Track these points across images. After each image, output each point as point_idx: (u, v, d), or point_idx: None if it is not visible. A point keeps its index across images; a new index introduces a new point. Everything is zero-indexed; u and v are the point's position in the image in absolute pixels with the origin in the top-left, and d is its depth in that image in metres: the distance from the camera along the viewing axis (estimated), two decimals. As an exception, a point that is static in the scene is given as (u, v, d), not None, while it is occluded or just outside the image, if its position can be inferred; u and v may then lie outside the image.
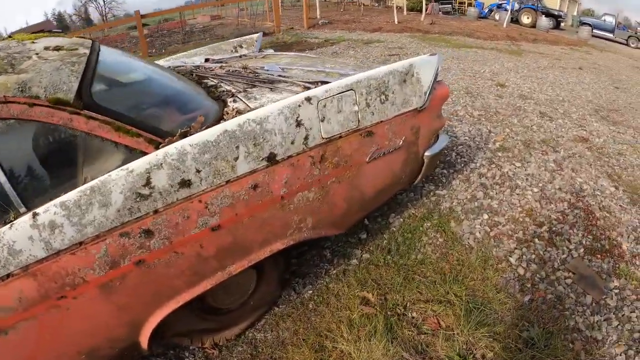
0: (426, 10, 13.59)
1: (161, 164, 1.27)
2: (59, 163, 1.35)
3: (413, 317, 1.83)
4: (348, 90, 1.65)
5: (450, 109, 4.06)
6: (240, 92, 1.93)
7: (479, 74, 5.61)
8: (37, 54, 1.42)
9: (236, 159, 1.39)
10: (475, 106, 4.14)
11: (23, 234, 1.14)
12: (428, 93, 1.89)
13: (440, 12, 16.20)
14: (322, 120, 1.61)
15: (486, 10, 16.94)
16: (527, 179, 2.81)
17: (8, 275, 1.14)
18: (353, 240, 2.31)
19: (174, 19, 15.83)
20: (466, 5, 17.63)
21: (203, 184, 1.34)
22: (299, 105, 1.53)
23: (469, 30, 10.78)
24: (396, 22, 10.70)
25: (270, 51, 3.16)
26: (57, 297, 1.21)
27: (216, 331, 1.78)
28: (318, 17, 11.35)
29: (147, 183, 1.26)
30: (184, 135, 1.42)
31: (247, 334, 1.83)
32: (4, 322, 1.17)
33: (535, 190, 2.69)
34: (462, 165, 2.98)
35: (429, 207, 2.54)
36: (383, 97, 1.75)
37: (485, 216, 2.44)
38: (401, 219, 2.46)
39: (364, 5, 16.79)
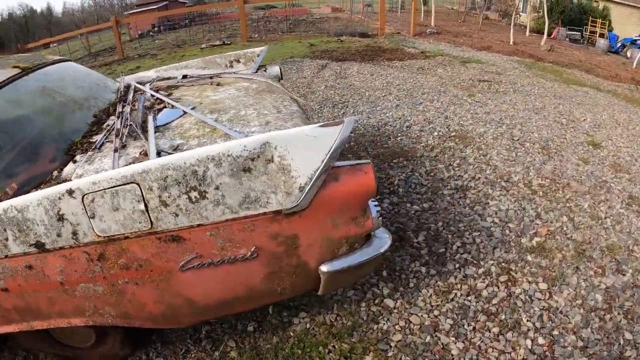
0: (550, 34, 11.10)
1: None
2: None
3: None
4: (127, 184, 1.18)
5: (504, 168, 2.98)
6: (96, 147, 1.62)
7: (575, 123, 4.03)
8: None
9: (7, 239, 1.29)
10: (542, 171, 2.94)
11: None
12: (308, 189, 1.25)
13: (567, 39, 13.77)
14: (93, 217, 1.21)
15: (618, 45, 14.04)
16: (542, 323, 1.79)
17: None
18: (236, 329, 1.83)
19: (300, 4, 16.41)
20: (597, 35, 14.40)
21: None
22: (59, 198, 1.22)
23: (590, 65, 8.55)
24: (510, 43, 8.89)
25: (242, 73, 2.72)
26: None
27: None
28: (432, 24, 10.15)
29: None
30: None
31: None
32: None
33: None
34: (456, 265, 2.10)
35: (357, 318, 1.84)
36: (195, 194, 1.21)
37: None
38: (307, 325, 1.84)
39: (486, 18, 14.53)
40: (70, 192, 1.19)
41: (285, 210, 1.28)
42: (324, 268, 1.42)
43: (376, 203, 1.49)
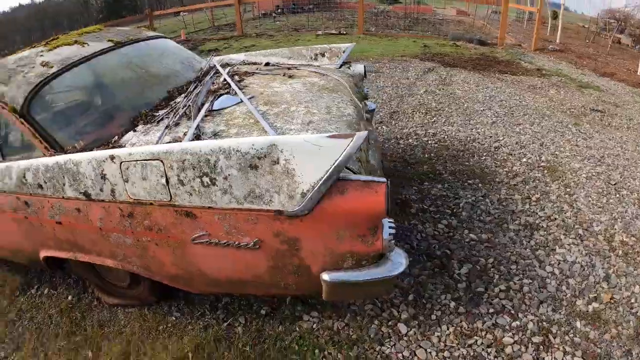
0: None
1: (33, 168, 1.64)
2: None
3: None
4: (154, 160, 1.33)
5: (587, 214, 2.53)
6: (155, 121, 1.84)
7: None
8: None
9: (64, 184, 1.57)
10: (630, 227, 2.40)
11: None
12: (310, 196, 1.25)
13: None
14: (127, 182, 1.40)
15: None
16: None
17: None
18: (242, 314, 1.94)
19: (425, 2, 15.71)
20: None
21: (48, 191, 1.63)
22: (104, 161, 1.45)
23: None
24: (638, 73, 7.25)
25: (317, 67, 2.71)
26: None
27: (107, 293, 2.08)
28: (557, 41, 8.84)
29: (25, 177, 1.68)
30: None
31: None
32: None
33: None
34: (490, 309, 1.89)
35: (364, 334, 1.79)
36: (205, 180, 1.31)
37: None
38: (314, 325, 1.86)
39: (617, 42, 11.89)
40: (112, 158, 1.40)
41: (287, 212, 1.30)
42: (325, 276, 1.41)
43: (392, 224, 1.41)
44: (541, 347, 1.69)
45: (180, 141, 1.57)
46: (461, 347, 1.73)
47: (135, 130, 1.75)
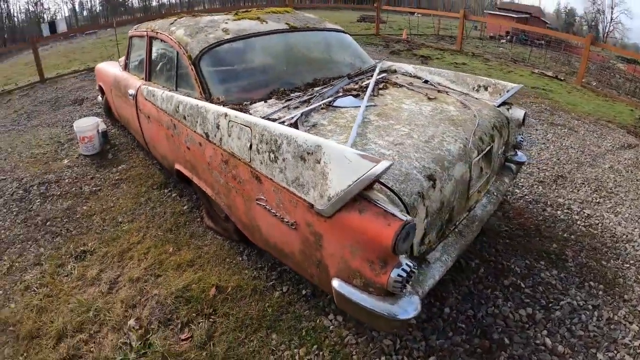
0: None
1: (184, 102, 2.22)
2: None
3: None
4: (247, 127, 1.66)
5: None
6: (282, 100, 2.19)
7: None
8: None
9: (197, 122, 2.10)
10: None
11: None
12: (334, 201, 1.36)
13: None
14: (230, 136, 1.79)
15: None
16: None
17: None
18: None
19: None
20: None
21: (187, 123, 2.18)
22: (220, 116, 1.88)
23: None
24: None
25: (473, 99, 2.55)
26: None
27: (209, 216, 2.65)
28: None
29: (178, 107, 2.28)
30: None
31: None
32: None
33: None
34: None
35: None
36: (272, 155, 1.57)
37: None
38: (323, 326, 1.94)
39: None
40: (225, 115, 1.81)
41: (316, 208, 1.44)
42: (334, 282, 1.48)
43: (407, 267, 1.33)
44: None
45: (283, 122, 1.86)
46: None
47: (265, 102, 2.13)
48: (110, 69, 3.88)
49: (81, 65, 9.21)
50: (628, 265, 2.64)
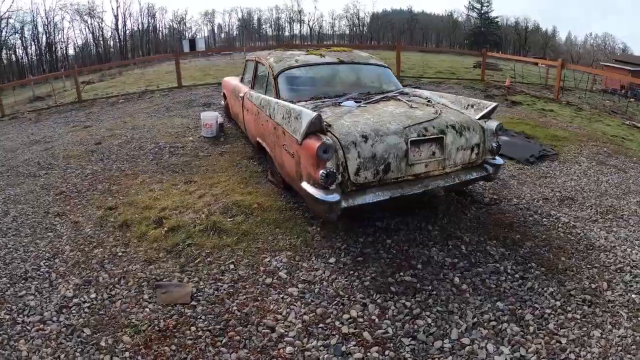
0: None
1: (263, 99, 3.77)
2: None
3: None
4: (283, 107, 3.17)
5: None
6: (319, 101, 3.57)
7: None
8: None
9: (267, 109, 3.59)
10: None
11: None
12: (302, 135, 2.69)
13: None
14: (277, 113, 3.32)
15: None
16: None
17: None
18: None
19: None
20: None
21: (263, 109, 3.73)
22: (276, 103, 3.40)
23: None
24: None
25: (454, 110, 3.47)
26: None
27: (271, 173, 4.24)
28: None
29: (261, 101, 3.92)
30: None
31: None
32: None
33: None
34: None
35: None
36: (287, 118, 3.02)
37: None
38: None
39: None
40: (276, 102, 3.32)
41: (297, 140, 2.77)
42: (303, 184, 2.78)
43: (328, 169, 2.57)
44: None
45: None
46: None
47: (306, 102, 3.51)
48: (232, 81, 5.95)
49: (213, 80, 11.63)
50: (590, 267, 2.78)
